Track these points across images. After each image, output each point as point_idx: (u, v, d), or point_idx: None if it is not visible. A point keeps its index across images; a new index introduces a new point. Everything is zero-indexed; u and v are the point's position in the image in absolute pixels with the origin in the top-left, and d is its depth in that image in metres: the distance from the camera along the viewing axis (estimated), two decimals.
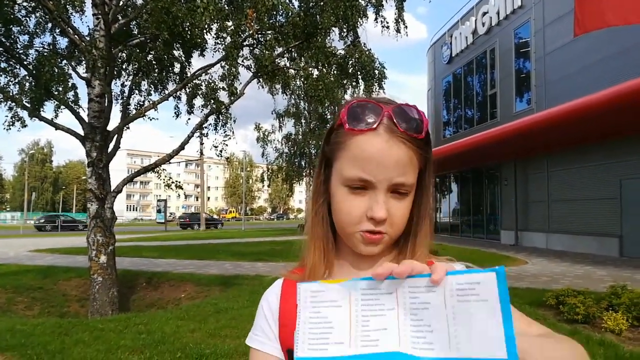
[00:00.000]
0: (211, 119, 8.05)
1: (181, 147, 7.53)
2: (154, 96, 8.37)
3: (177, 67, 8.36)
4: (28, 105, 6.87)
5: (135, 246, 15.49)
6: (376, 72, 8.77)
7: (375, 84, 8.89)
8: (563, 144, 13.00)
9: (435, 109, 22.73)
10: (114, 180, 6.93)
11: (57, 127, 6.92)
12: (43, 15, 7.19)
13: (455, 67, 20.53)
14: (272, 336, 0.89)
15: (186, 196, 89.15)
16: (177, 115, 8.81)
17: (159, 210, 39.29)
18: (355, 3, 7.29)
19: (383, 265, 0.55)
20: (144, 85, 8.27)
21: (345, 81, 9.16)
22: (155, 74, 8.09)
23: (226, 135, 8.30)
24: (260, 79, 9.04)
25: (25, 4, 7.08)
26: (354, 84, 9.27)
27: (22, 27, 7.13)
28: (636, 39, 10.52)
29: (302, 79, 8.85)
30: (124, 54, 7.69)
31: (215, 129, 8.30)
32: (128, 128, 7.65)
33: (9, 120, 7.10)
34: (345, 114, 0.75)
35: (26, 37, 7.20)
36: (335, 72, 8.88)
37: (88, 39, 6.86)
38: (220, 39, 6.96)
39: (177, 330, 4.99)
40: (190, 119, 8.63)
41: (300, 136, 26.40)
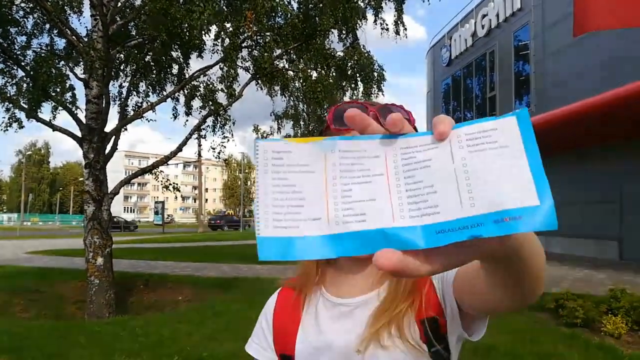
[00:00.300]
0: (209, 121, 8.03)
1: (179, 149, 7.51)
2: (152, 97, 8.35)
3: (175, 69, 8.34)
4: (25, 106, 6.83)
5: (133, 248, 15.43)
6: (375, 74, 8.77)
7: (374, 86, 8.89)
8: (562, 147, 13.00)
9: (435, 111, 22.73)
10: (112, 182, 6.90)
11: (55, 128, 6.89)
12: (41, 16, 7.17)
13: (455, 70, 20.53)
14: (266, 345, 0.93)
15: (184, 198, 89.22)
16: (175, 117, 8.78)
17: (156, 212, 39.21)
18: (354, 5, 7.28)
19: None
20: (142, 86, 8.25)
21: (344, 83, 9.17)
22: (153, 75, 8.06)
23: (224, 137, 8.27)
24: (259, 81, 9.02)
25: (23, 5, 7.06)
26: (352, 86, 9.27)
27: (20, 28, 7.10)
28: (636, 42, 10.53)
29: (301, 81, 8.82)
30: (122, 55, 7.67)
31: (213, 130, 8.28)
32: (126, 129, 7.62)
33: (6, 122, 7.06)
34: (331, 115, 0.77)
35: (24, 38, 7.19)
36: (334, 74, 8.88)
37: (86, 40, 6.84)
38: (219, 39, 6.94)
39: (175, 333, 4.96)
40: (188, 121, 8.59)
41: None
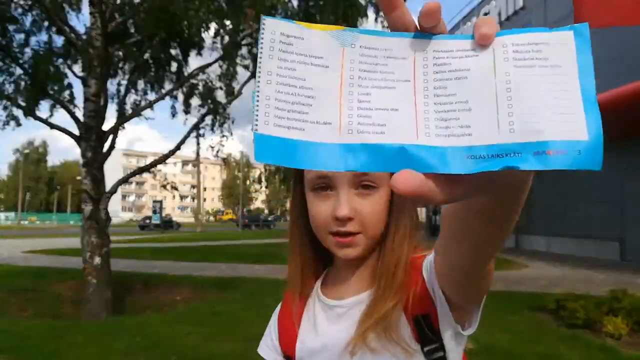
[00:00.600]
0: (208, 119, 8.00)
1: (177, 148, 7.47)
2: (150, 96, 8.31)
3: (174, 67, 8.30)
4: (23, 104, 6.80)
5: (131, 248, 15.39)
6: None
7: None
8: None
9: None
10: (109, 181, 6.86)
11: (53, 127, 6.85)
12: (39, 13, 7.12)
13: None
14: (273, 346, 0.93)
15: (182, 197, 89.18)
16: (174, 115, 8.75)
17: (154, 211, 39.16)
18: (354, 3, 7.26)
19: None
20: (140, 84, 8.21)
21: None
22: (152, 73, 8.02)
23: (223, 136, 8.23)
24: None
25: (21, 2, 7.02)
26: None
27: (18, 26, 7.06)
28: (638, 41, 10.54)
29: None
30: (121, 53, 7.63)
31: (212, 129, 8.24)
32: (123, 128, 7.57)
33: (3, 120, 7.03)
34: None
35: (22, 36, 7.13)
36: None
37: (84, 37, 6.80)
38: (218, 37, 6.91)
39: (173, 334, 4.93)
40: (187, 119, 8.56)
41: None
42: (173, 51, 7.93)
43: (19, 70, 6.92)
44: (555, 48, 0.34)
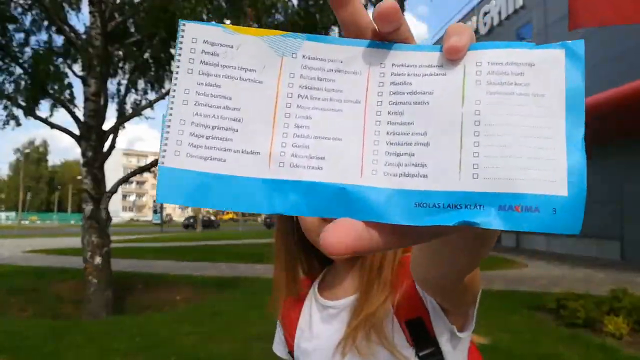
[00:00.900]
0: None
1: None
2: (151, 95, 8.30)
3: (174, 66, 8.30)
4: (23, 103, 6.80)
5: (132, 247, 15.39)
6: None
7: None
8: None
9: None
10: (110, 181, 6.86)
11: (53, 126, 6.85)
12: (39, 12, 7.12)
13: None
14: (280, 341, 0.95)
15: None
16: None
17: (155, 211, 39.19)
18: None
19: None
20: (141, 84, 8.20)
21: None
22: (152, 73, 8.01)
23: None
24: None
25: (21, 2, 7.01)
26: None
27: (18, 25, 7.05)
28: (638, 40, 10.52)
29: None
30: (121, 53, 7.62)
31: None
32: (124, 127, 7.57)
33: (3, 119, 7.04)
34: None
35: (22, 35, 7.13)
36: None
37: (84, 37, 6.80)
38: None
39: (173, 334, 4.93)
40: None
41: None
42: (173, 50, 7.93)
43: (18, 70, 6.92)
44: (540, 71, 0.28)
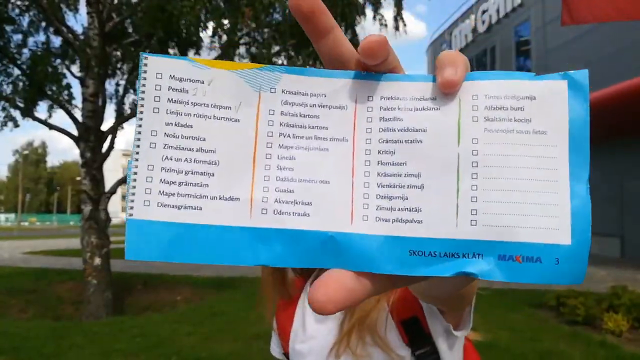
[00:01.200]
0: None
1: None
2: None
3: None
4: (21, 105, 6.78)
5: None
6: None
7: None
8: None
9: None
10: (109, 181, 6.85)
11: (51, 127, 6.84)
12: (37, 14, 7.11)
13: None
14: (276, 342, 0.96)
15: None
16: None
17: None
18: (353, 1, 7.23)
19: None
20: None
21: None
22: None
23: None
24: None
25: (19, 3, 7.00)
26: None
27: (16, 26, 7.04)
28: (638, 37, 10.52)
29: None
30: (119, 53, 7.61)
31: None
32: (123, 128, 7.56)
33: (1, 120, 7.02)
34: None
35: (20, 37, 7.12)
36: None
37: (82, 38, 6.79)
38: (216, 36, 6.90)
39: (173, 334, 4.92)
40: None
41: None
42: (171, 50, 7.91)
43: (16, 71, 6.91)
44: (541, 105, 0.26)
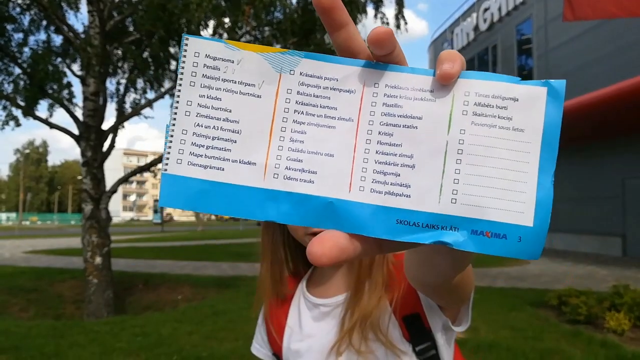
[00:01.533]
0: None
1: None
2: (150, 94, 8.29)
3: (173, 65, 8.27)
4: (22, 104, 6.78)
5: (132, 247, 15.39)
6: None
7: None
8: (565, 142, 12.86)
9: None
10: (110, 180, 6.85)
11: (52, 126, 6.84)
12: (37, 12, 7.10)
13: None
14: (263, 343, 0.94)
15: None
16: None
17: (155, 211, 39.21)
18: None
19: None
20: (140, 83, 8.18)
21: None
22: (151, 72, 7.99)
23: None
24: None
25: (20, 2, 7.00)
26: None
27: (17, 25, 7.04)
28: (639, 35, 10.50)
29: None
30: (119, 52, 7.61)
31: None
32: (123, 127, 7.56)
33: (2, 120, 7.01)
34: None
35: (21, 35, 7.12)
36: None
37: (83, 36, 6.78)
38: (217, 35, 6.89)
39: (174, 333, 4.92)
40: None
41: None
42: (172, 49, 7.91)
43: (17, 70, 6.91)
44: (522, 107, 0.30)
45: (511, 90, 0.30)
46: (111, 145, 6.99)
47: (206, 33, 6.94)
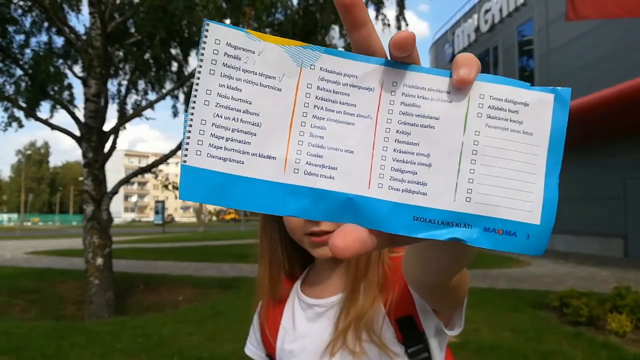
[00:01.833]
0: None
1: (179, 147, 7.45)
2: (151, 95, 8.31)
3: (175, 66, 8.29)
4: (24, 105, 6.79)
5: (133, 248, 15.40)
6: None
7: None
8: (566, 143, 12.85)
9: None
10: (111, 182, 6.86)
11: (53, 128, 6.85)
12: (39, 14, 7.12)
13: None
14: (257, 344, 0.94)
15: None
16: (175, 115, 8.74)
17: (156, 212, 39.20)
18: None
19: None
20: (141, 84, 8.20)
21: None
22: (152, 73, 8.01)
23: None
24: None
25: (21, 3, 7.01)
26: None
27: (18, 27, 7.05)
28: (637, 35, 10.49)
29: None
30: (121, 53, 7.62)
31: None
32: (125, 128, 7.57)
33: (5, 121, 7.03)
34: None
35: (22, 37, 7.13)
36: None
37: (84, 38, 6.79)
38: None
39: (175, 334, 4.92)
40: None
41: None
42: (173, 51, 7.92)
43: (19, 71, 6.92)
44: (532, 111, 0.31)
45: (522, 95, 0.31)
46: (112, 147, 6.99)
47: None
